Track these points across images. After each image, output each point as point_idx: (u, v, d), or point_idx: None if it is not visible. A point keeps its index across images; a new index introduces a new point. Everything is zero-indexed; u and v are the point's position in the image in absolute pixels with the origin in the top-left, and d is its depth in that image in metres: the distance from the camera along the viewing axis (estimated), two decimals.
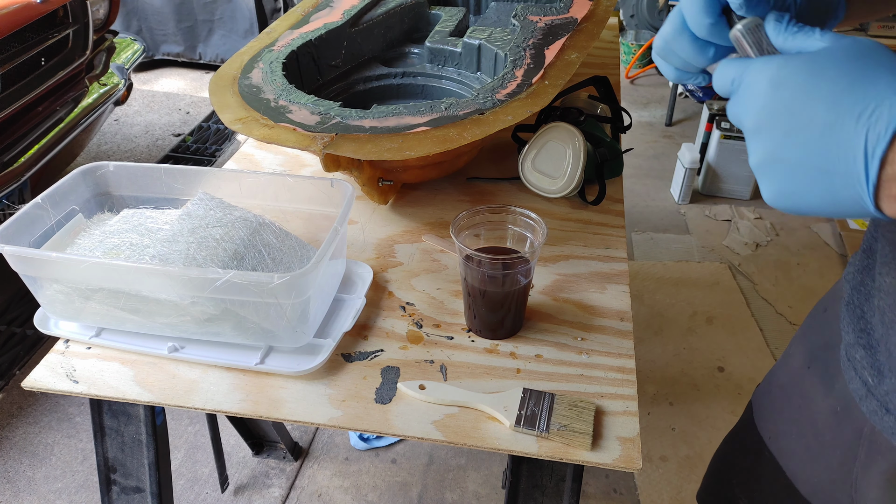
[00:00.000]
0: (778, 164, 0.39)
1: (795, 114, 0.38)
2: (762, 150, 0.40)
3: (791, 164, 0.38)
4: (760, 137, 0.40)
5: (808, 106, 0.37)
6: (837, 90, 0.37)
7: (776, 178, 0.40)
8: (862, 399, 0.60)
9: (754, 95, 0.40)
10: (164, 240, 0.68)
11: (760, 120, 0.39)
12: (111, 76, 2.17)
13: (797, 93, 0.38)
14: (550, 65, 0.90)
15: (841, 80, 0.37)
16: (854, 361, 0.61)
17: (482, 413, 0.64)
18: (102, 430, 0.76)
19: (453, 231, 0.69)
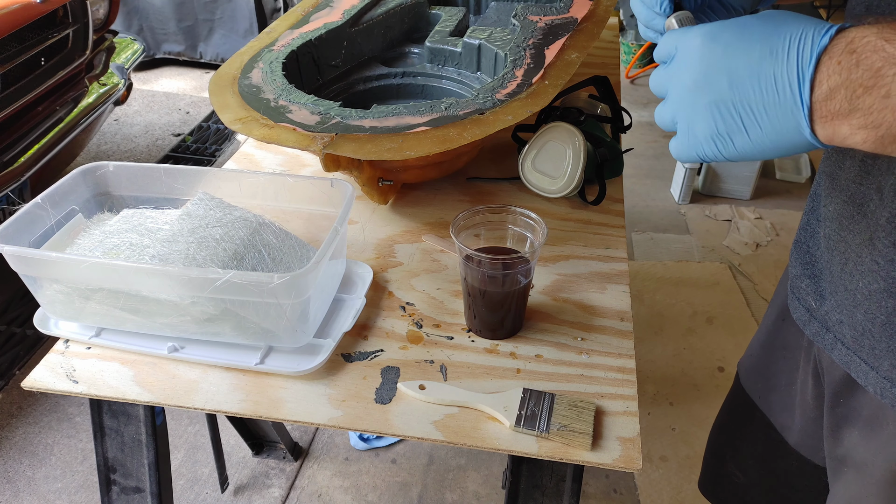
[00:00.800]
0: (717, 107, 0.43)
1: (732, 56, 0.42)
2: (701, 99, 0.43)
3: (731, 104, 0.42)
4: (699, 86, 0.43)
5: (743, 47, 0.42)
6: (766, 32, 0.41)
7: (714, 121, 0.43)
8: (805, 324, 0.67)
9: (692, 51, 0.44)
10: (164, 240, 0.68)
11: (700, 70, 0.43)
12: (111, 76, 2.17)
13: (732, 39, 0.42)
14: (550, 65, 0.90)
15: (767, 25, 0.42)
16: (798, 291, 0.69)
17: (482, 413, 0.64)
18: (102, 430, 0.75)
19: (453, 231, 0.69)
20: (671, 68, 0.46)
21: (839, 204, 0.60)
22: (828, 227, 0.63)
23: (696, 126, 0.44)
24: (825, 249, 0.64)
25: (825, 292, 0.64)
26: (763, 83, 0.41)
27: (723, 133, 0.43)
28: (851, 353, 0.61)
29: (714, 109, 0.43)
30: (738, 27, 0.42)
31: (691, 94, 0.44)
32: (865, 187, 0.56)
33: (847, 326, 0.61)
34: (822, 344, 0.65)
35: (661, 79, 0.47)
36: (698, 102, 0.43)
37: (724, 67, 0.42)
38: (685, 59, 0.44)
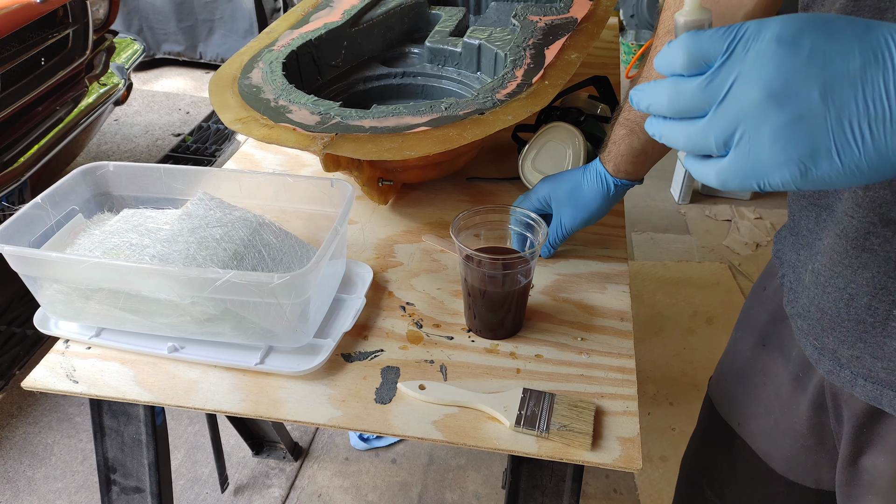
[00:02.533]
0: (803, 125, 0.34)
1: (823, 62, 0.34)
2: (778, 115, 0.35)
3: (823, 121, 0.34)
4: (777, 100, 0.34)
5: (837, 50, 0.34)
6: (858, 32, 0.34)
7: (797, 142, 0.35)
8: (817, 362, 0.62)
9: (762, 56, 0.35)
10: (164, 240, 0.68)
11: (778, 79, 0.34)
12: (111, 76, 2.17)
13: (819, 42, 0.34)
14: (550, 65, 0.90)
15: (854, 24, 0.34)
16: (799, 331, 0.64)
17: (482, 413, 0.64)
18: (102, 430, 0.75)
19: (453, 231, 0.69)
20: (718, 78, 0.36)
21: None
22: (819, 261, 0.58)
23: (767, 148, 0.35)
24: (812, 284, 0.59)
25: (819, 331, 0.60)
26: (870, 94, 0.33)
27: (805, 156, 0.35)
28: (879, 387, 0.56)
29: (797, 128, 0.34)
30: (819, 27, 0.34)
31: (762, 110, 0.35)
32: None
33: (869, 359, 0.56)
34: (838, 381, 0.60)
35: (691, 93, 0.37)
36: (773, 119, 0.35)
37: (816, 76, 0.34)
38: (750, 63, 0.35)
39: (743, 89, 0.35)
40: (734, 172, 0.37)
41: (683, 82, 0.37)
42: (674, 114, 0.38)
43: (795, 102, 0.34)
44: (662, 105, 0.39)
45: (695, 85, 0.37)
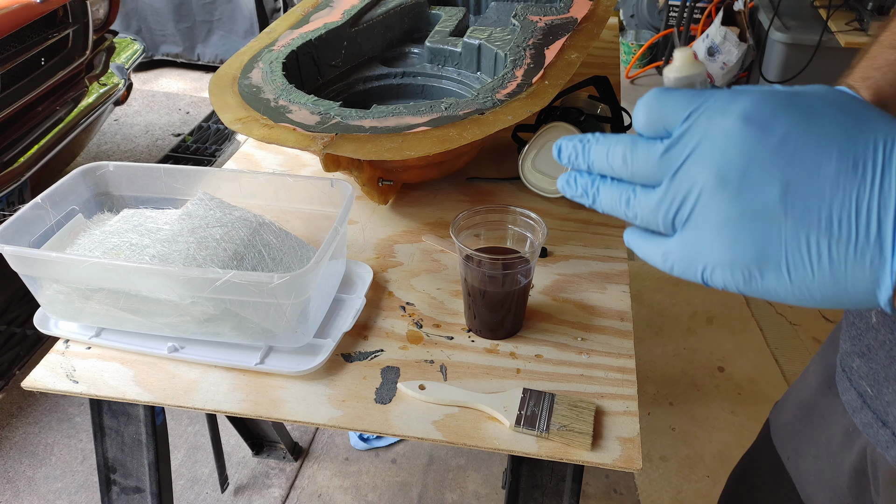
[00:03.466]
0: (752, 226, 0.29)
1: (792, 157, 0.29)
2: (727, 206, 0.30)
3: (776, 227, 0.29)
4: (728, 187, 0.29)
5: (811, 146, 0.28)
6: (845, 128, 0.28)
7: (741, 244, 0.30)
8: (856, 411, 0.57)
9: (724, 132, 0.30)
10: (164, 240, 0.68)
11: (734, 164, 0.29)
12: (111, 76, 2.17)
13: (793, 130, 0.29)
14: (550, 65, 0.90)
15: (844, 116, 0.29)
16: (850, 370, 0.59)
17: (482, 413, 0.64)
18: (102, 430, 0.75)
19: (453, 231, 0.69)
20: (675, 149, 0.31)
21: None
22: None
23: (711, 241, 0.30)
24: (882, 330, 0.53)
25: (881, 378, 0.53)
26: (837, 210, 0.28)
27: (750, 261, 0.30)
28: None
29: (747, 226, 0.29)
30: (800, 111, 0.29)
31: (713, 195, 0.30)
32: None
33: None
34: (874, 440, 0.54)
35: (645, 158, 0.32)
36: (723, 209, 0.30)
37: (779, 171, 0.28)
38: (709, 140, 0.30)
39: (697, 167, 0.30)
40: (678, 258, 0.32)
41: (641, 144, 0.33)
42: (626, 175, 0.34)
43: (750, 196, 0.29)
44: (615, 161, 0.34)
45: (650, 151, 0.32)
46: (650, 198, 0.32)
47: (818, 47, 2.55)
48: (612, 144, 0.34)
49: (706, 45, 2.98)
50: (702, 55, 2.99)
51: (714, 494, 1.48)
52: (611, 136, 0.34)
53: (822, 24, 2.57)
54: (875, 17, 2.48)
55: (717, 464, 1.54)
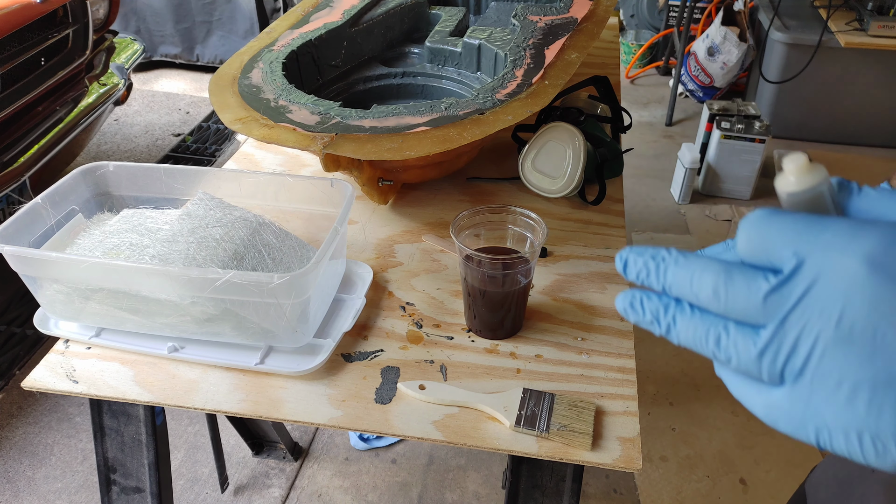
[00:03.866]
0: (885, 392, 0.25)
1: None
2: (862, 369, 0.25)
3: None
4: (853, 343, 0.25)
5: None
6: None
7: (869, 409, 0.25)
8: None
9: (840, 280, 0.25)
10: (164, 240, 0.68)
11: (860, 322, 0.25)
12: (111, 76, 2.17)
13: None
14: (550, 65, 0.90)
15: None
16: None
17: (482, 413, 0.64)
18: (102, 430, 0.75)
19: (453, 231, 0.69)
20: (787, 287, 0.26)
21: None
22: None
23: (835, 404, 0.26)
24: None
25: None
26: None
27: (886, 433, 0.25)
28: None
29: (880, 394, 0.25)
30: None
31: (835, 351, 0.25)
32: None
33: None
34: None
35: (747, 293, 0.27)
36: (847, 370, 0.25)
37: None
38: (828, 284, 0.25)
39: (814, 314, 0.25)
40: (786, 414, 0.27)
41: (738, 276, 0.27)
42: (717, 309, 0.28)
43: (884, 363, 0.24)
44: (703, 291, 0.28)
45: (752, 286, 0.27)
46: (750, 341, 0.27)
47: (818, 47, 2.55)
48: (699, 270, 0.28)
49: (706, 45, 2.98)
50: (702, 55, 2.99)
51: (714, 494, 1.49)
52: (696, 258, 0.29)
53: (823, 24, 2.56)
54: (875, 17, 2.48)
55: (717, 464, 1.54)
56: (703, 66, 3.01)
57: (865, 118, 2.73)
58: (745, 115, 2.40)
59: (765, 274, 0.27)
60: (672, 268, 0.29)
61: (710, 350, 0.29)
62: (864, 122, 2.75)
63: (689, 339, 0.29)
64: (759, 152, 2.36)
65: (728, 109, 2.43)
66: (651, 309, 0.30)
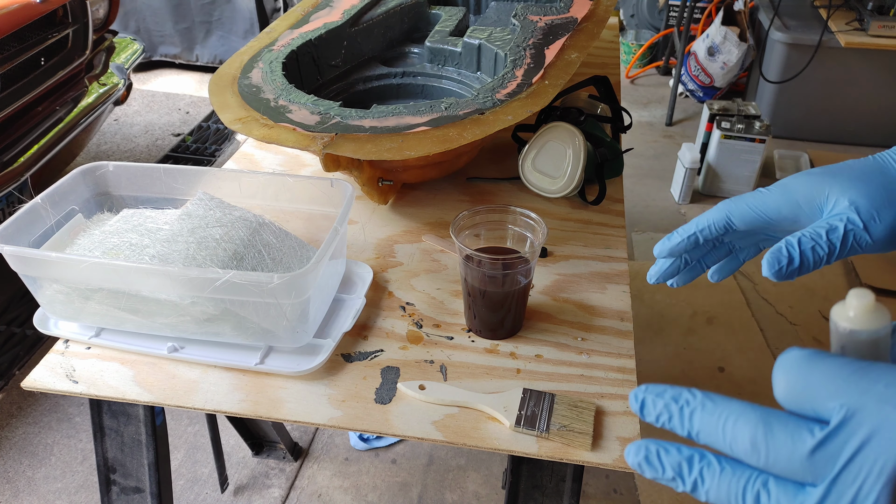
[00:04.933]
0: None
1: None
2: None
3: None
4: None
5: None
6: None
7: None
8: None
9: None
10: (164, 240, 0.68)
11: None
12: (111, 76, 2.17)
13: None
14: (550, 64, 0.90)
15: None
16: None
17: (482, 413, 0.64)
18: (102, 430, 0.75)
19: (453, 231, 0.69)
20: (837, 441, 0.24)
21: None
22: None
23: None
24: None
25: None
26: None
27: None
28: None
29: None
30: None
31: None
32: None
33: None
34: None
35: (791, 448, 0.25)
36: None
37: None
38: (885, 440, 0.23)
39: (869, 479, 0.23)
40: None
41: (779, 427, 0.25)
42: (755, 463, 0.25)
43: None
44: (739, 444, 0.26)
45: (797, 440, 0.25)
46: (798, 502, 0.24)
47: (818, 47, 2.55)
48: (734, 417, 0.26)
49: (706, 44, 2.98)
50: (702, 55, 2.99)
51: None
52: (725, 402, 0.27)
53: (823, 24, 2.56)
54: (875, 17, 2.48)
55: None
56: (703, 66, 3.01)
57: (865, 118, 2.73)
58: (746, 115, 2.40)
59: (809, 426, 0.24)
60: (699, 413, 0.27)
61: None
62: (864, 122, 2.75)
63: (720, 498, 0.26)
64: (760, 152, 2.36)
65: (728, 109, 2.43)
66: (672, 464, 0.27)
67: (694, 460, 0.27)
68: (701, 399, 0.27)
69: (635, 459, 0.27)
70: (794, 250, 0.35)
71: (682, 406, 0.27)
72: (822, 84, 2.68)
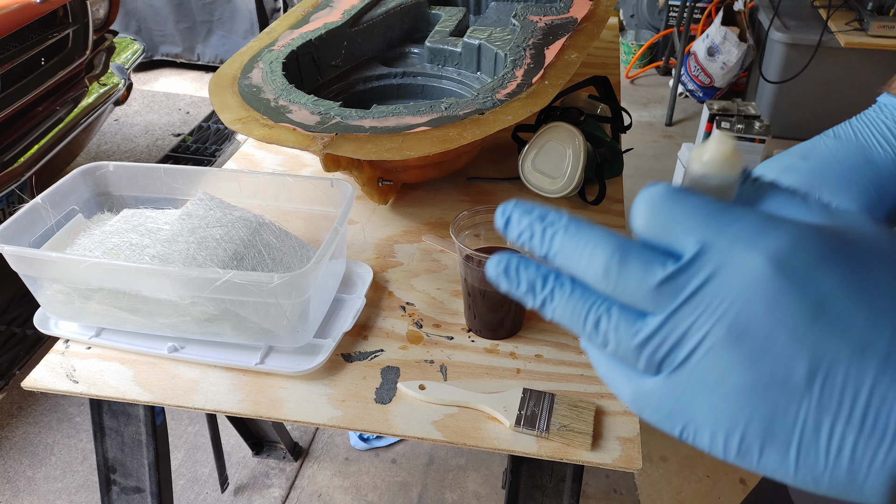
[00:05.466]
0: (761, 398, 0.24)
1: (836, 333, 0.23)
2: (743, 372, 0.24)
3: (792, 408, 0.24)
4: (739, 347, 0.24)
5: (861, 322, 0.23)
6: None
7: (743, 414, 0.24)
8: None
9: (740, 277, 0.24)
10: (164, 240, 0.68)
11: (754, 325, 0.24)
12: (111, 76, 2.17)
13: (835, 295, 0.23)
14: (550, 65, 0.90)
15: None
16: None
17: (482, 413, 0.64)
18: (102, 430, 0.75)
19: (453, 231, 0.69)
20: (684, 277, 0.24)
21: None
22: None
23: (707, 400, 0.25)
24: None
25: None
26: (877, 403, 0.22)
27: (752, 434, 0.24)
28: None
29: (757, 397, 0.24)
30: (847, 267, 0.23)
31: (721, 350, 0.24)
32: None
33: None
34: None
35: (640, 278, 0.25)
36: (731, 370, 0.24)
37: (811, 344, 0.23)
38: (727, 280, 0.24)
39: (707, 310, 0.24)
40: (655, 404, 0.26)
41: (633, 258, 0.26)
42: (603, 290, 0.26)
43: (770, 366, 0.23)
44: (591, 268, 0.26)
45: (647, 272, 0.25)
46: (634, 329, 0.25)
47: (818, 47, 2.55)
48: (592, 243, 0.26)
49: (706, 44, 2.98)
50: (702, 55, 2.99)
51: (714, 494, 1.49)
52: (589, 229, 0.27)
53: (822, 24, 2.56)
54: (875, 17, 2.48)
55: (717, 463, 1.54)
56: (702, 66, 3.01)
57: None
58: (745, 116, 2.40)
59: (663, 260, 0.25)
60: (561, 235, 0.27)
61: (587, 331, 0.26)
62: None
63: (564, 318, 0.27)
64: (759, 152, 2.36)
65: (728, 109, 2.43)
66: (527, 278, 0.27)
67: (549, 278, 0.27)
68: (566, 222, 0.27)
69: (495, 270, 0.28)
70: None
71: (546, 227, 0.27)
72: (821, 84, 2.68)
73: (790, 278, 0.23)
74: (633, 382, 0.26)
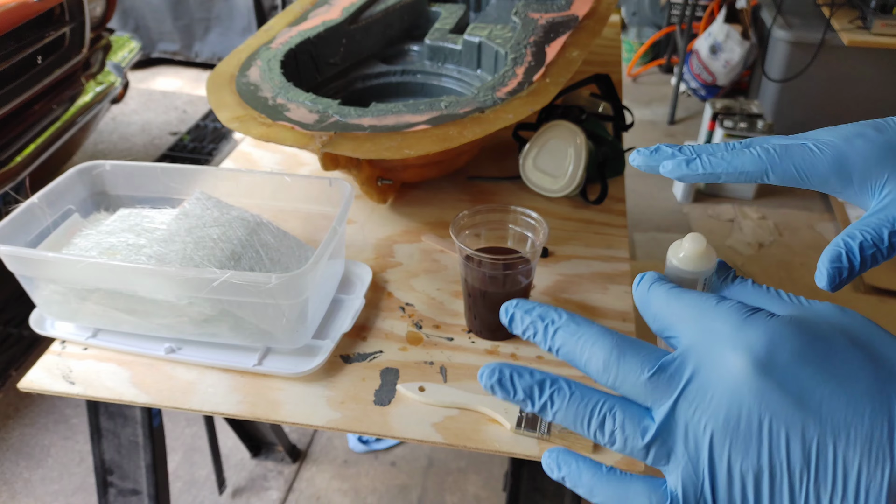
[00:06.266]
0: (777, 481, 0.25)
1: (818, 416, 0.25)
2: (729, 455, 0.26)
3: (800, 484, 0.25)
4: (732, 436, 0.25)
5: (841, 410, 0.25)
6: (872, 385, 0.25)
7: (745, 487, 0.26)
8: None
9: (724, 375, 0.26)
10: (161, 240, 0.67)
11: (746, 417, 0.25)
12: (108, 74, 2.16)
13: (814, 387, 0.25)
14: (552, 62, 0.89)
15: (870, 366, 0.25)
16: None
17: (482, 415, 0.63)
18: (99, 431, 0.75)
19: (453, 231, 0.68)
20: (671, 370, 0.27)
21: None
22: None
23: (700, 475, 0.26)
24: None
25: None
26: (856, 486, 0.24)
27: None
28: None
29: (759, 480, 0.25)
30: (821, 360, 0.26)
31: (722, 438, 0.25)
32: None
33: None
34: None
35: (638, 372, 0.27)
36: (733, 456, 0.25)
37: (800, 430, 0.25)
38: (713, 377, 0.26)
39: (700, 409, 0.26)
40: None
41: (630, 352, 0.28)
42: (605, 383, 0.28)
43: (767, 450, 0.25)
44: (594, 362, 0.28)
45: (643, 367, 0.27)
46: (641, 428, 0.27)
47: (821, 45, 2.54)
48: (591, 340, 0.28)
49: (709, 43, 2.97)
50: (704, 53, 2.99)
51: None
52: (587, 326, 0.29)
53: (825, 22, 2.56)
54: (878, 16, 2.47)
55: None
56: (705, 65, 3.00)
57: (868, 116, 2.68)
58: (748, 114, 2.40)
59: (658, 355, 0.27)
60: (562, 332, 0.29)
61: (592, 431, 0.28)
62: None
63: (567, 419, 0.28)
64: None
65: (731, 108, 2.43)
66: (523, 387, 0.28)
67: (546, 384, 0.28)
68: (566, 319, 0.29)
69: (488, 382, 0.29)
70: (855, 258, 0.31)
71: (548, 324, 0.29)
72: (824, 82, 2.67)
73: (770, 375, 0.25)
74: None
